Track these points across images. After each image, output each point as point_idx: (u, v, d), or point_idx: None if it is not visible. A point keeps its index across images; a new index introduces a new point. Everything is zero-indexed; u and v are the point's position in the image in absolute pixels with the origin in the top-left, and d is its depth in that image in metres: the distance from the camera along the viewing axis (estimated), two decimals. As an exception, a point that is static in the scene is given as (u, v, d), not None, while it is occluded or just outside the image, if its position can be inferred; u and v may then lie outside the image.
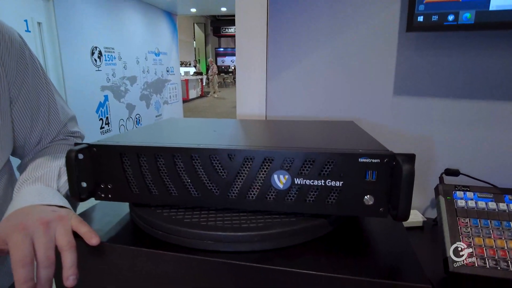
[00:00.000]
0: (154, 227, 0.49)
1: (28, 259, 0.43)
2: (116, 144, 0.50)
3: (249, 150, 0.47)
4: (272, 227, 0.46)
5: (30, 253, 0.43)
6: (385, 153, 0.45)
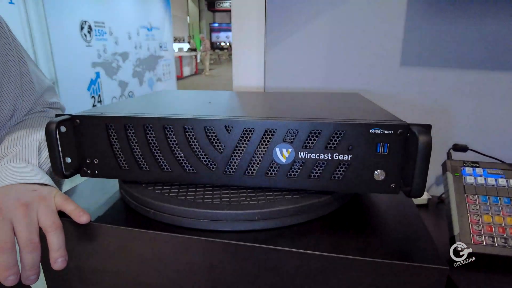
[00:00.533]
0: (145, 205, 0.45)
1: (8, 245, 0.39)
2: (101, 115, 0.45)
3: (249, 121, 0.43)
4: (274, 204, 0.43)
5: (9, 237, 0.39)
6: (398, 123, 0.41)
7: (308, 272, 0.39)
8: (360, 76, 0.83)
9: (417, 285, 0.37)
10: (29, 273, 0.40)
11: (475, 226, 0.60)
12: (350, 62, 0.82)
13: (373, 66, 0.81)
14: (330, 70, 0.84)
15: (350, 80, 0.83)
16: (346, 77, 0.83)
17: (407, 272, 0.37)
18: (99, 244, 0.45)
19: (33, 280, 0.41)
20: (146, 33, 4.86)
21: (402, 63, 0.79)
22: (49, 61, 3.08)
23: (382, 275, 0.38)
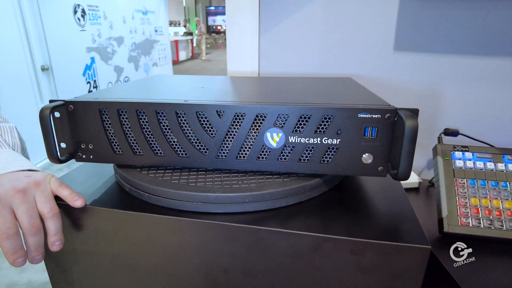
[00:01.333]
0: (140, 188, 0.46)
1: (12, 230, 0.40)
2: (94, 100, 0.46)
3: (240, 106, 0.43)
4: (265, 187, 0.44)
5: (12, 223, 0.40)
6: (386, 108, 0.42)
7: (298, 252, 0.41)
8: (354, 61, 0.83)
9: (402, 263, 0.39)
10: (34, 254, 0.42)
11: (463, 208, 0.62)
12: (344, 47, 0.83)
13: (367, 51, 0.81)
14: (324, 54, 0.84)
15: (344, 65, 0.84)
16: (340, 61, 0.84)
17: (392, 251, 0.39)
18: (95, 227, 0.46)
19: (38, 259, 0.43)
20: (141, 17, 4.78)
21: (396, 48, 0.80)
22: (42, 47, 3.04)
23: (369, 254, 0.40)
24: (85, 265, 0.49)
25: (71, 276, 0.51)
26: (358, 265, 0.40)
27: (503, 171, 0.64)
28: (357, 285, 0.41)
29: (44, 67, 3.04)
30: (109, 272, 0.49)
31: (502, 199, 0.61)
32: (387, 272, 0.40)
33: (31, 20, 2.88)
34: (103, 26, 3.90)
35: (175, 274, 0.46)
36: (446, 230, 0.61)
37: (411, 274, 0.39)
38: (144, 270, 0.47)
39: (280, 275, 0.43)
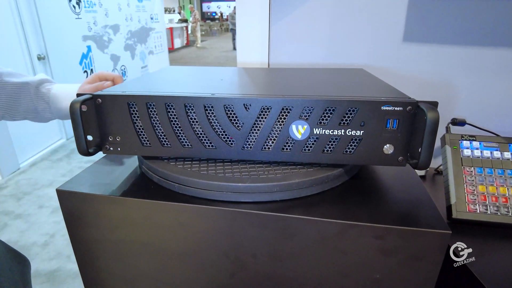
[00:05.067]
0: (170, 179, 0.48)
1: None
2: (122, 94, 0.47)
3: (266, 99, 0.45)
4: (291, 177, 0.46)
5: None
6: (408, 100, 0.44)
7: (324, 237, 0.43)
8: (363, 51, 0.84)
9: (423, 246, 0.41)
10: None
11: (471, 195, 0.65)
12: (353, 37, 0.84)
13: (376, 41, 0.83)
14: (333, 45, 0.85)
15: (353, 55, 0.85)
16: (349, 52, 0.85)
17: (413, 237, 0.41)
18: (125, 217, 0.48)
19: None
20: (136, 4, 4.71)
21: (405, 39, 0.81)
22: (38, 35, 3.00)
23: (390, 239, 0.42)
24: (114, 253, 0.51)
25: (100, 264, 0.53)
26: (380, 249, 0.43)
27: (509, 159, 0.67)
28: (380, 267, 0.44)
29: (40, 56, 3.01)
30: (138, 259, 0.51)
31: (508, 186, 0.64)
32: (409, 254, 0.42)
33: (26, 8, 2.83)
34: (99, 13, 3.84)
35: (204, 259, 0.48)
36: (454, 216, 0.64)
37: (432, 256, 0.41)
38: (173, 256, 0.49)
39: (306, 259, 0.45)
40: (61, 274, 1.76)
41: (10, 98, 0.66)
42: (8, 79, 0.66)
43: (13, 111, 0.68)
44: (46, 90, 0.68)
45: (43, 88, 0.68)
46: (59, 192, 0.49)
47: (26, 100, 0.67)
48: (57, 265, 1.82)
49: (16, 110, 0.68)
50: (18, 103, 0.67)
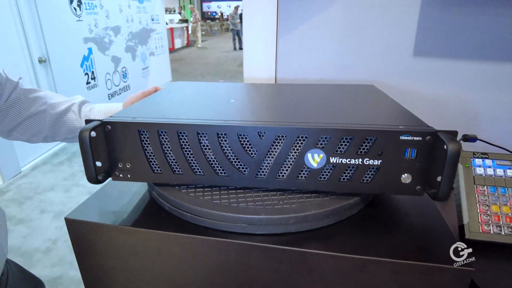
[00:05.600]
0: (182, 208, 0.46)
1: None
2: (133, 121, 0.46)
3: (281, 128, 0.44)
4: (307, 208, 0.45)
5: None
6: (427, 130, 0.43)
7: (341, 271, 0.42)
8: (372, 66, 0.83)
9: (444, 284, 0.40)
10: None
11: (484, 215, 0.63)
12: (362, 52, 0.82)
13: (386, 56, 0.81)
14: (342, 59, 0.84)
15: (362, 70, 0.84)
16: (358, 67, 0.84)
17: (434, 272, 0.40)
18: (136, 247, 0.47)
19: None
20: (137, 5, 4.69)
21: (415, 54, 0.80)
22: (39, 38, 2.98)
23: (410, 274, 0.41)
24: (124, 283, 0.50)
25: (109, 291, 0.52)
26: (399, 283, 0.42)
27: (524, 178, 0.65)
28: (399, 303, 0.42)
29: (41, 59, 2.99)
30: (148, 288, 0.50)
31: (523, 206, 0.63)
32: (429, 290, 0.41)
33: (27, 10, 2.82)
34: (100, 15, 3.83)
35: (216, 291, 0.47)
36: (467, 237, 0.62)
37: (453, 293, 0.40)
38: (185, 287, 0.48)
39: (322, 293, 0.44)
40: (64, 281, 1.75)
41: (56, 120, 0.70)
42: (52, 101, 0.70)
43: (56, 132, 0.71)
44: (89, 109, 0.72)
45: (86, 108, 0.72)
46: (68, 221, 0.48)
47: (70, 121, 0.70)
48: (60, 272, 1.81)
49: (59, 131, 0.71)
50: (62, 125, 0.70)
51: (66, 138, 0.73)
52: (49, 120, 0.69)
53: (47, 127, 0.69)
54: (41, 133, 0.70)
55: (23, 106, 0.67)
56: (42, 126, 0.69)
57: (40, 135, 0.70)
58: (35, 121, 0.68)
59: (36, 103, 0.68)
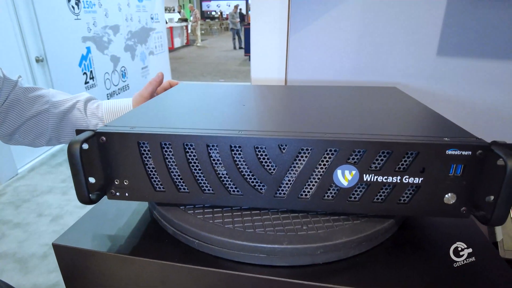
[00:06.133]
0: (188, 234, 0.40)
1: None
2: (132, 132, 0.39)
3: (306, 140, 0.37)
4: (337, 235, 0.38)
5: None
6: (478, 144, 0.36)
7: (377, 310, 0.36)
8: (394, 66, 0.76)
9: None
10: None
11: (519, 231, 0.57)
12: (381, 51, 0.76)
13: (407, 55, 0.75)
14: (359, 59, 0.77)
15: (380, 71, 0.77)
16: (376, 67, 0.77)
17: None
18: (136, 278, 0.40)
19: None
20: (136, 4, 4.61)
21: (439, 53, 0.73)
22: (36, 37, 2.91)
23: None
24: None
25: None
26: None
27: None
28: None
29: (38, 58, 2.92)
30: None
31: None
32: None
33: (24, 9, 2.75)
34: (98, 14, 3.75)
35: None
36: (502, 255, 0.56)
37: None
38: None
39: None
40: (61, 289, 1.68)
41: (60, 120, 0.64)
42: (55, 99, 0.65)
43: (61, 133, 0.65)
44: (95, 106, 0.67)
45: (92, 105, 0.67)
46: (56, 246, 0.41)
47: (75, 119, 0.65)
48: (57, 279, 1.74)
49: (64, 132, 0.66)
50: (67, 125, 0.65)
51: None
52: (52, 120, 0.63)
53: (50, 128, 0.64)
54: (44, 135, 0.64)
55: (23, 106, 0.61)
56: (45, 127, 0.63)
57: (43, 137, 0.64)
58: (37, 122, 0.63)
59: (37, 103, 0.63)
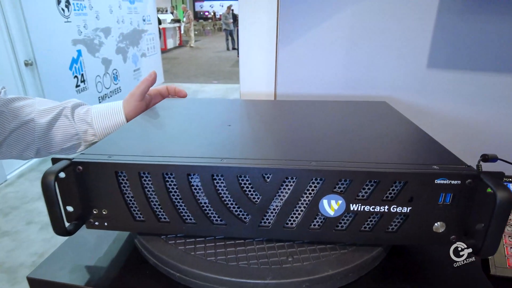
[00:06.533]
0: (169, 267, 0.38)
1: None
2: (109, 161, 0.37)
3: (290, 170, 0.36)
4: (323, 267, 0.37)
5: None
6: (467, 172, 0.35)
7: None
8: (383, 80, 0.75)
9: None
10: None
11: (510, 248, 0.56)
12: (371, 64, 0.75)
13: (397, 68, 0.74)
14: (349, 73, 0.76)
15: (371, 84, 0.76)
16: (366, 80, 0.76)
17: None
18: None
19: None
20: (128, 6, 4.57)
21: (429, 65, 0.72)
22: (25, 40, 2.86)
23: None
24: None
25: None
26: None
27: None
28: None
29: (27, 62, 2.87)
30: None
31: (555, 239, 0.56)
32: None
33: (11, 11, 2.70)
34: (89, 16, 3.70)
35: None
36: (493, 273, 0.55)
37: None
38: None
39: None
40: (50, 300, 1.65)
41: (47, 130, 0.62)
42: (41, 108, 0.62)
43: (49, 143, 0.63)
44: (84, 111, 0.64)
45: (81, 110, 0.64)
46: (31, 281, 0.39)
47: (63, 128, 0.63)
48: (46, 289, 1.71)
49: (53, 142, 0.63)
50: (55, 134, 0.62)
51: (62, 149, 0.64)
52: (38, 130, 0.60)
53: (37, 139, 0.61)
54: (32, 146, 0.61)
55: (6, 118, 0.58)
56: (32, 138, 0.61)
57: (31, 148, 0.62)
58: (23, 133, 0.60)
59: (21, 113, 0.60)
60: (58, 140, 0.63)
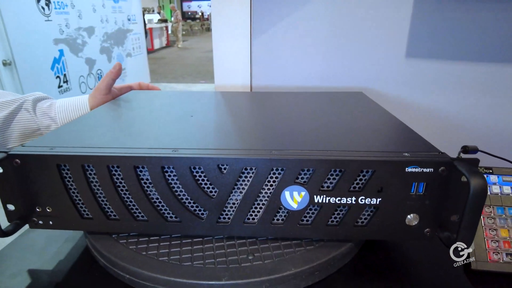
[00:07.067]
0: (118, 268, 0.35)
1: None
2: (49, 153, 0.33)
3: (248, 159, 0.32)
4: (285, 265, 0.33)
5: None
6: (440, 159, 0.32)
7: None
8: (361, 70, 0.73)
9: None
10: None
11: (491, 242, 0.54)
12: (348, 54, 0.72)
13: (376, 58, 0.71)
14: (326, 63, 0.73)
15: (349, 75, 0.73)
16: (345, 71, 0.73)
17: None
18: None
19: None
20: (112, 5, 4.49)
21: (408, 55, 0.70)
22: (3, 40, 2.78)
23: None
24: None
25: None
26: None
27: (535, 197, 0.56)
28: None
29: (6, 61, 2.79)
30: None
31: (537, 231, 0.54)
32: None
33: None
34: (71, 15, 3.62)
35: None
36: (474, 267, 0.53)
37: None
38: None
39: None
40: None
41: (3, 124, 0.57)
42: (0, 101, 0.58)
43: (7, 138, 0.58)
44: (48, 105, 0.60)
45: (43, 104, 0.60)
46: (-35, 288, 0.35)
47: (23, 122, 0.58)
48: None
49: (10, 137, 0.58)
50: (13, 128, 0.58)
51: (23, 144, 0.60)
52: None
53: None
54: None
55: None
56: None
57: None
58: None
59: None
60: (17, 135, 0.58)
